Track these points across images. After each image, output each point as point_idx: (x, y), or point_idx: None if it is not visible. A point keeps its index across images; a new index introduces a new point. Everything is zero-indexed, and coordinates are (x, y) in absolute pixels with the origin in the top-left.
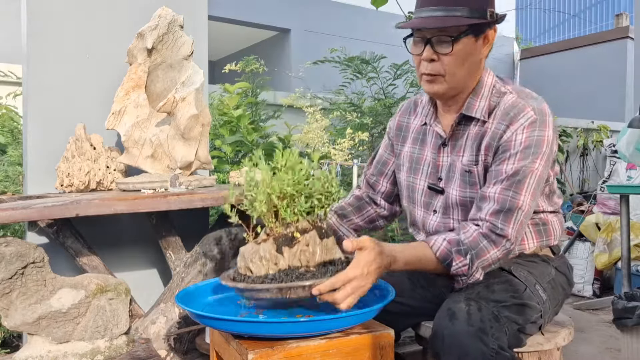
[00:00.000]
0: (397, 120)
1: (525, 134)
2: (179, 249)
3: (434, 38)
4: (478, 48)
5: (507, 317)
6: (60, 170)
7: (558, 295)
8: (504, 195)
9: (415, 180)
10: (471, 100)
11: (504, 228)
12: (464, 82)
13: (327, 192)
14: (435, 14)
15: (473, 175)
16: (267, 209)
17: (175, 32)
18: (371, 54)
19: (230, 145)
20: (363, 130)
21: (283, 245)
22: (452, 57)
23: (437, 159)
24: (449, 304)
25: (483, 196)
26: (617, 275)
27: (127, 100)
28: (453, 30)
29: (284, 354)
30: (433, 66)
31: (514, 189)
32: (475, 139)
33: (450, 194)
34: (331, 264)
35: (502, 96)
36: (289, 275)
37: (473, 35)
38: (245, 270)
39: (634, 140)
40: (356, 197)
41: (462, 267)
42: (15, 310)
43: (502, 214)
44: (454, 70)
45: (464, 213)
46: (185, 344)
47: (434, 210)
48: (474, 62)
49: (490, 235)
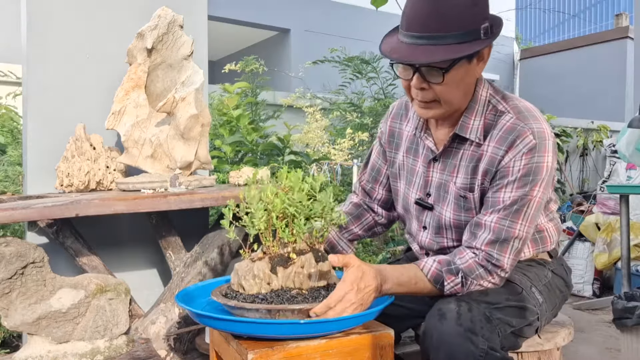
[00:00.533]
0: (388, 125)
1: (524, 161)
2: (178, 249)
3: (422, 68)
4: (472, 69)
5: (500, 319)
6: (60, 170)
7: (555, 297)
8: (500, 225)
9: (409, 192)
10: (465, 119)
11: (499, 258)
12: (460, 103)
13: (327, 215)
14: (421, 42)
15: (469, 201)
16: (265, 227)
17: (175, 32)
18: (371, 54)
19: (230, 145)
20: (363, 130)
21: (278, 265)
22: (444, 86)
23: (426, 174)
24: (439, 304)
25: (479, 223)
26: (616, 275)
27: (127, 100)
28: (443, 63)
29: (284, 354)
30: (425, 94)
31: (511, 218)
32: (471, 161)
33: (444, 215)
34: (325, 288)
35: (500, 116)
36: (280, 297)
37: (466, 60)
38: (238, 287)
39: (634, 140)
40: (355, 205)
41: (454, 287)
42: (15, 310)
43: (498, 244)
44: (448, 97)
45: (457, 233)
46: (185, 344)
47: (423, 227)
48: (468, 84)
49: (487, 265)
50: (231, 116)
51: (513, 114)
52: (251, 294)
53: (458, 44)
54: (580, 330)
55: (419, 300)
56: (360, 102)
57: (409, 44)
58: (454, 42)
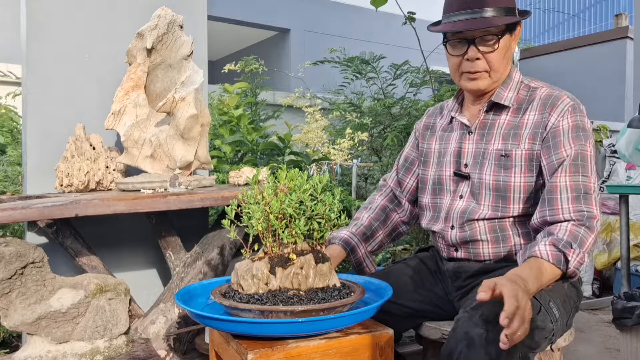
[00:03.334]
0: (424, 121)
1: (570, 118)
2: (178, 249)
3: (477, 39)
4: (512, 43)
5: (522, 342)
6: (60, 170)
7: (570, 309)
8: (575, 181)
9: (441, 172)
10: (500, 91)
11: (590, 210)
12: (503, 75)
13: (327, 216)
14: (476, 15)
15: (509, 159)
16: (264, 228)
17: (175, 32)
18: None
19: (230, 145)
20: (362, 130)
21: (277, 265)
22: (496, 54)
23: (461, 147)
24: (466, 327)
25: (552, 189)
26: (616, 275)
27: (127, 100)
28: (496, 30)
29: (284, 354)
30: (477, 64)
31: (582, 172)
32: (510, 129)
33: (483, 178)
34: (323, 290)
35: (535, 90)
36: (276, 298)
37: (508, 33)
38: (237, 286)
39: (634, 140)
40: (381, 208)
41: (577, 258)
42: (15, 310)
43: (583, 199)
44: (498, 65)
45: (495, 198)
46: (184, 344)
47: (460, 196)
48: (509, 57)
49: (584, 222)
50: (231, 116)
51: (546, 87)
52: (248, 294)
53: (505, 16)
54: (580, 330)
55: (419, 300)
56: (359, 102)
57: (456, 21)
58: (498, 14)
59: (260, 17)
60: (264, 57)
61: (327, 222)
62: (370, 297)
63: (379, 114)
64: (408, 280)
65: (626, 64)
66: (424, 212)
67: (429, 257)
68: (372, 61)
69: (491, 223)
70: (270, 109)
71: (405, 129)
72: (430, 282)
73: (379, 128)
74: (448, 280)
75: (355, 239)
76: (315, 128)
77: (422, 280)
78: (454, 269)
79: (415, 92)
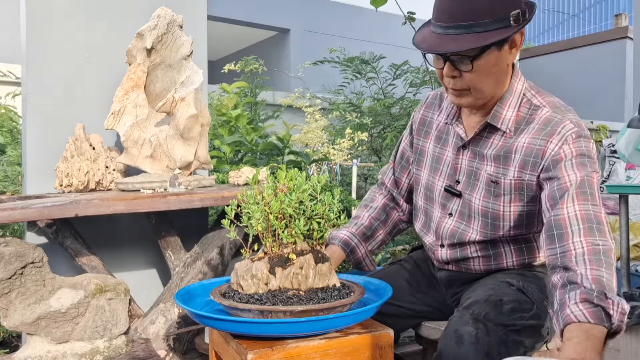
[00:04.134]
0: (421, 113)
1: (573, 145)
2: (178, 249)
3: (452, 57)
4: (503, 56)
5: (514, 341)
6: (60, 170)
7: None
8: (586, 210)
9: (434, 180)
10: (498, 109)
11: (606, 243)
12: (492, 91)
13: (327, 216)
14: (450, 32)
15: (499, 187)
16: (264, 228)
17: (175, 32)
18: (370, 54)
19: (230, 146)
20: (362, 130)
21: (277, 265)
22: (474, 74)
23: (455, 161)
24: (456, 325)
25: (559, 223)
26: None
27: (127, 100)
28: (470, 51)
29: (283, 354)
30: (455, 82)
31: (592, 202)
32: (501, 151)
33: (473, 202)
34: (323, 290)
35: (537, 110)
36: (275, 298)
37: (496, 47)
38: (237, 286)
39: (633, 140)
40: (382, 207)
41: (619, 310)
42: (15, 310)
43: (596, 229)
44: (478, 85)
45: (483, 223)
46: (184, 344)
47: (449, 214)
48: (499, 71)
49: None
50: (230, 116)
51: (549, 108)
52: (248, 294)
53: (486, 32)
54: None
55: (419, 301)
56: (359, 102)
57: (439, 34)
58: (482, 30)
59: (260, 17)
60: (264, 57)
61: (327, 222)
62: (370, 297)
63: (379, 114)
64: (404, 283)
65: (626, 64)
66: (417, 214)
67: (423, 260)
68: (372, 61)
69: (482, 244)
70: (270, 109)
71: (405, 129)
72: (425, 285)
73: (378, 128)
74: (442, 287)
75: (355, 239)
76: (315, 128)
77: (418, 283)
78: (447, 277)
79: (415, 92)
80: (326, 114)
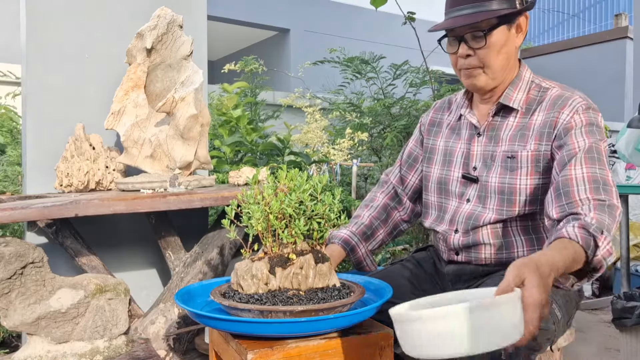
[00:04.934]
0: (430, 116)
1: (583, 115)
2: (178, 249)
3: (466, 35)
4: (512, 37)
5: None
6: (60, 170)
7: (571, 309)
8: (593, 173)
9: (449, 173)
10: (509, 92)
11: (612, 200)
12: (502, 72)
13: (327, 216)
14: (464, 12)
15: (515, 160)
16: (264, 228)
17: (175, 32)
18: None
19: (230, 146)
20: (362, 130)
21: (277, 265)
22: (487, 50)
23: (470, 149)
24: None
25: (567, 182)
26: (616, 275)
27: (127, 100)
28: (484, 25)
29: (283, 354)
30: (470, 60)
31: (599, 165)
32: (518, 131)
33: (489, 181)
34: (323, 290)
35: (547, 90)
36: (276, 298)
37: (505, 26)
38: (237, 286)
39: (633, 140)
40: (382, 207)
41: (607, 247)
42: (15, 311)
43: (602, 189)
44: (491, 61)
45: (500, 202)
46: (184, 344)
47: (467, 200)
48: (509, 52)
49: (606, 210)
50: (230, 116)
51: (558, 87)
52: (248, 294)
53: (496, 10)
54: (579, 330)
55: None
56: (359, 102)
57: (454, 17)
58: (493, 8)
59: (260, 17)
60: (264, 57)
61: (327, 222)
62: (370, 297)
63: (379, 114)
64: (406, 282)
65: (626, 64)
66: (428, 211)
67: (426, 259)
68: (372, 61)
69: (495, 229)
70: (270, 109)
71: (405, 129)
72: (427, 284)
73: (378, 128)
74: (448, 283)
75: (355, 238)
76: (315, 128)
77: (420, 282)
78: (455, 272)
79: (415, 92)
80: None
